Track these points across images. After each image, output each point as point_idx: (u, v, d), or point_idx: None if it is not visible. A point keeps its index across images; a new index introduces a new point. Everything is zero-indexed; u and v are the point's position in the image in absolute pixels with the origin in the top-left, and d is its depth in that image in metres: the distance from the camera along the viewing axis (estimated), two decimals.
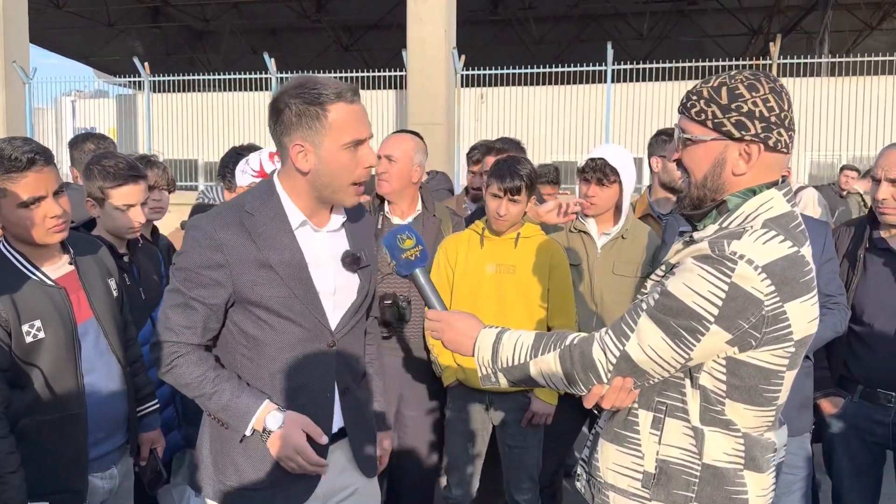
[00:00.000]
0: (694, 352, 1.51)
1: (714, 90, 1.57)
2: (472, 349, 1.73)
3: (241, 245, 1.83)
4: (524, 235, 3.03)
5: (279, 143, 1.87)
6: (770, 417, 1.61)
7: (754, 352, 1.52)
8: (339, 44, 23.43)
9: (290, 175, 1.89)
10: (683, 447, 1.60)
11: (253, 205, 1.88)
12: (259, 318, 1.86)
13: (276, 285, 1.84)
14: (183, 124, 14.31)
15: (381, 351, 2.33)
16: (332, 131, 1.81)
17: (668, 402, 1.62)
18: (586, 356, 1.59)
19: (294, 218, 1.90)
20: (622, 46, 17.36)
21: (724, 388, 1.56)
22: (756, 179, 1.58)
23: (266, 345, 1.88)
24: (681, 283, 1.51)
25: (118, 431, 2.38)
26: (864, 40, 19.39)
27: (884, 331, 2.74)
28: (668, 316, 1.51)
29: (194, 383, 1.86)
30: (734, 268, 1.46)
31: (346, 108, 1.81)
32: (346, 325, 1.97)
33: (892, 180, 2.71)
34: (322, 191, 1.87)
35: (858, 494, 2.88)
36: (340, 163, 1.83)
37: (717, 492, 1.59)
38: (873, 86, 11.76)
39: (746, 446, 1.59)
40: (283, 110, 1.82)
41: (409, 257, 1.85)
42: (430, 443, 3.27)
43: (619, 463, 1.68)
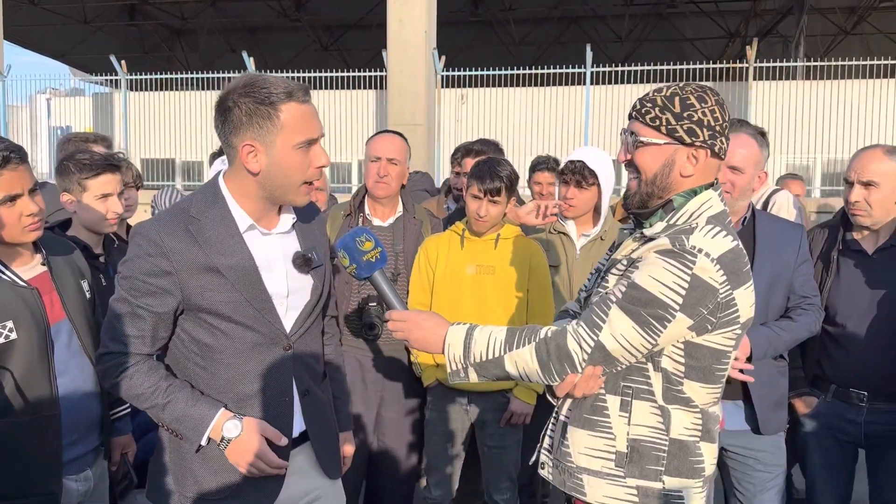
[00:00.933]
0: (661, 337, 1.66)
1: (667, 99, 1.73)
2: (442, 346, 1.77)
3: (188, 251, 1.79)
4: (504, 237, 3.05)
5: (227, 142, 1.81)
6: (718, 393, 1.79)
7: (709, 335, 1.69)
8: (319, 43, 23.34)
9: (237, 176, 1.85)
10: (652, 425, 1.74)
11: (198, 209, 1.84)
12: (211, 324, 1.82)
13: (225, 290, 1.80)
14: (160, 123, 14.20)
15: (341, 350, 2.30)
16: (285, 131, 1.77)
17: (633, 385, 1.75)
18: (562, 348, 1.69)
19: (241, 221, 1.85)
20: (601, 49, 17.48)
21: (682, 370, 1.72)
22: (698, 181, 1.76)
23: (219, 352, 1.84)
24: (647, 276, 1.65)
25: (92, 433, 2.35)
26: (839, 45, 19.66)
27: (856, 331, 2.78)
28: (638, 306, 1.65)
29: (146, 394, 1.80)
30: (695, 260, 1.63)
31: (297, 107, 1.78)
32: (302, 327, 1.94)
33: (864, 183, 2.75)
34: (273, 191, 1.84)
35: (831, 492, 2.92)
36: (293, 163, 1.80)
37: (682, 463, 1.74)
38: (847, 89, 11.94)
39: (703, 420, 1.76)
40: (231, 109, 1.77)
41: (369, 259, 1.84)
42: (410, 443, 3.27)
43: (590, 446, 1.78)
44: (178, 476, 1.88)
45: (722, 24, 21.21)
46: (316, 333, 2.05)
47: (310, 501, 2.02)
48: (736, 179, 2.70)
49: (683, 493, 1.74)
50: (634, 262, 1.73)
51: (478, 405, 3.05)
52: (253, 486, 1.87)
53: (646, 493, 1.73)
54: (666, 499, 1.73)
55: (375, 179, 3.15)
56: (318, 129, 1.84)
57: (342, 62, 20.22)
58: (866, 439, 2.83)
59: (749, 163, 2.71)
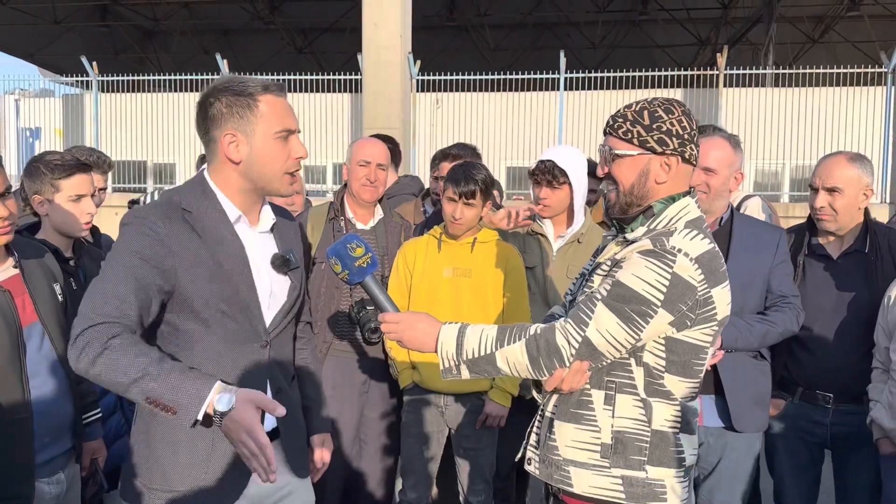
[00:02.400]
0: (643, 333, 1.75)
1: (637, 113, 1.85)
2: (435, 345, 1.84)
3: (186, 237, 1.81)
4: (481, 240, 3.08)
5: (209, 138, 1.87)
6: (696, 387, 1.89)
7: (688, 331, 1.79)
8: (293, 46, 23.23)
9: (221, 168, 1.89)
10: (635, 417, 1.83)
11: (188, 201, 1.86)
12: (195, 314, 1.83)
13: (217, 280, 1.83)
14: (132, 125, 14.04)
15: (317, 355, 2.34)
16: (264, 120, 1.84)
17: (616, 380, 1.84)
18: (551, 344, 1.78)
19: (231, 213, 1.90)
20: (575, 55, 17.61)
21: (663, 364, 1.81)
22: (674, 188, 1.86)
23: (198, 342, 1.85)
24: (630, 274, 1.75)
25: (64, 436, 2.34)
26: (807, 53, 20.02)
27: (822, 334, 2.84)
28: (622, 303, 1.74)
29: (136, 364, 1.61)
30: (675, 260, 1.73)
31: (274, 99, 1.87)
32: (279, 327, 1.98)
33: (829, 189, 2.82)
34: (256, 181, 1.89)
35: (798, 492, 2.98)
36: (273, 152, 1.86)
37: (664, 453, 1.83)
38: (815, 97, 12.16)
39: (682, 412, 1.86)
40: (212, 104, 1.85)
41: (361, 265, 1.89)
42: (389, 445, 3.28)
43: (577, 439, 1.86)
44: (147, 472, 1.88)
45: (693, 31, 21.50)
46: (289, 335, 2.09)
47: (280, 498, 2.03)
48: (710, 180, 2.78)
49: (665, 481, 1.82)
50: (618, 262, 1.83)
51: (453, 408, 3.07)
52: (220, 480, 1.88)
53: (630, 482, 1.82)
54: (649, 487, 1.82)
55: (363, 183, 3.18)
56: (295, 122, 1.92)
57: (317, 65, 20.14)
58: (832, 440, 2.89)
59: (723, 164, 2.78)
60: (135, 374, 1.62)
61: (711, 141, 2.83)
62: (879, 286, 2.76)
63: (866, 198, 2.83)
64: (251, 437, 1.62)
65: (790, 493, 3.00)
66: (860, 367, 2.79)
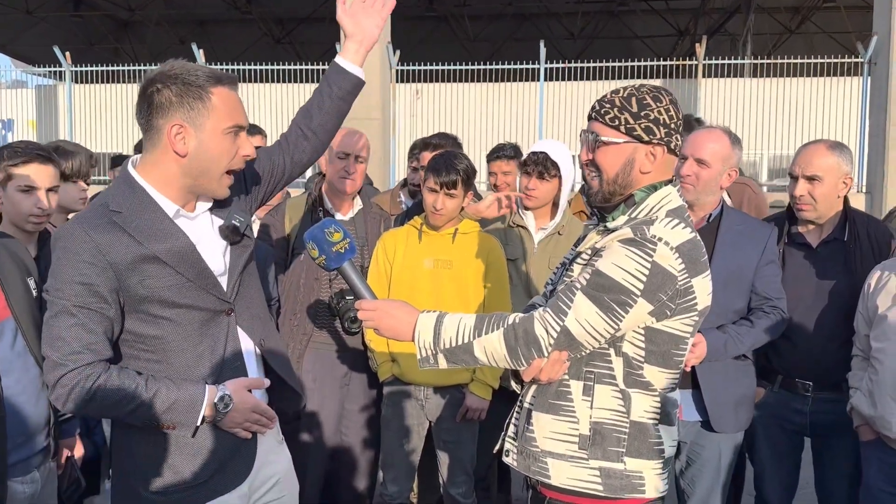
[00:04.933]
0: (623, 322, 1.72)
1: (625, 100, 1.81)
2: (412, 334, 1.80)
3: (119, 242, 1.73)
4: (462, 231, 3.05)
5: (151, 126, 1.77)
6: (676, 378, 1.87)
7: (668, 321, 1.76)
8: (271, 36, 23.03)
9: (159, 162, 1.80)
10: (613, 408, 1.80)
11: (117, 202, 1.77)
12: (155, 315, 1.78)
13: (166, 275, 1.76)
14: (107, 116, 13.84)
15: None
16: (215, 114, 1.77)
17: (595, 370, 1.81)
18: (529, 333, 1.74)
19: (168, 208, 1.81)
20: (554, 45, 17.61)
21: (643, 354, 1.79)
22: (657, 177, 1.83)
23: (169, 340, 1.80)
24: (610, 263, 1.72)
25: (39, 434, 2.28)
26: (784, 43, 20.18)
27: (802, 323, 2.85)
28: (601, 292, 1.70)
29: (128, 395, 1.72)
30: (655, 249, 1.70)
31: (228, 93, 1.80)
32: (236, 286, 1.92)
33: (808, 177, 2.81)
34: (197, 178, 1.81)
35: (778, 480, 2.99)
36: (221, 148, 1.79)
37: (642, 444, 1.81)
38: (792, 87, 12.26)
39: (661, 403, 1.84)
40: (160, 91, 1.74)
41: (339, 250, 1.84)
42: (370, 438, 3.26)
43: (555, 430, 1.83)
44: (152, 472, 1.84)
45: (672, 21, 21.58)
46: (250, 284, 2.01)
47: (271, 486, 2.03)
48: (701, 172, 2.72)
49: (643, 472, 1.80)
50: (598, 251, 1.79)
51: (433, 400, 3.05)
52: (229, 460, 1.87)
53: (608, 474, 1.79)
54: (627, 479, 1.79)
55: (342, 176, 3.14)
56: (245, 119, 1.86)
57: (295, 56, 19.97)
58: (812, 428, 2.90)
59: (717, 158, 2.72)
60: (128, 406, 1.72)
61: (710, 133, 2.78)
62: (859, 274, 2.76)
63: (846, 186, 2.83)
64: (258, 412, 1.85)
65: (770, 480, 3.01)
66: (839, 355, 2.80)
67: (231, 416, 1.82)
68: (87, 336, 1.70)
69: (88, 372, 1.70)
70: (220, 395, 1.80)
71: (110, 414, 1.76)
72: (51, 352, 1.72)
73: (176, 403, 1.75)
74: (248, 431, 1.88)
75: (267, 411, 1.90)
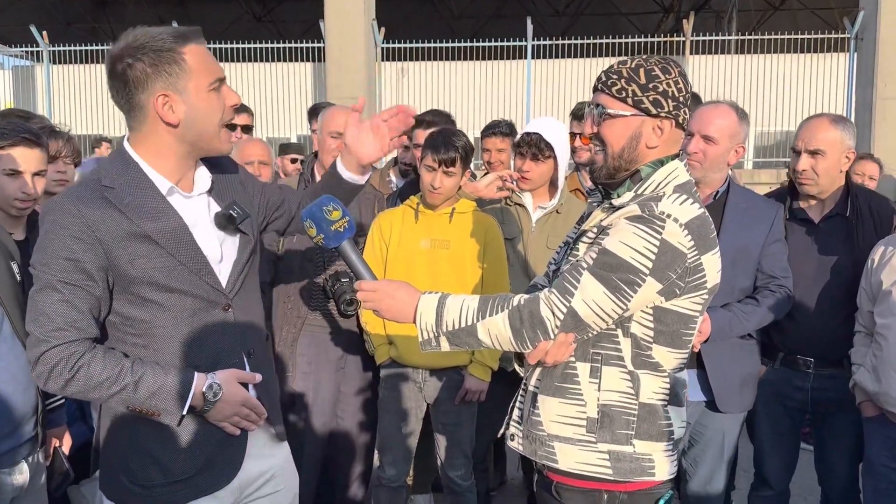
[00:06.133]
0: (631, 302, 1.67)
1: (633, 71, 1.74)
2: (413, 315, 1.74)
3: (110, 218, 1.65)
4: (459, 210, 2.99)
5: (133, 104, 1.70)
6: (685, 357, 1.83)
7: (677, 300, 1.71)
8: (252, 14, 22.67)
9: (151, 136, 1.73)
10: (622, 390, 1.76)
11: (110, 178, 1.70)
12: (144, 298, 1.70)
13: (158, 256, 1.69)
14: (86, 97, 13.60)
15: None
16: (195, 74, 1.69)
17: (602, 352, 1.76)
18: (535, 315, 1.69)
19: (161, 185, 1.74)
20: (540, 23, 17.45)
21: (651, 335, 1.74)
22: (663, 152, 1.77)
23: (158, 326, 1.73)
24: (617, 241, 1.66)
25: (27, 423, 2.23)
26: (769, 20, 20.13)
27: (803, 299, 2.82)
28: (609, 271, 1.65)
29: (112, 377, 1.65)
30: (664, 226, 1.65)
31: (197, 48, 1.71)
32: (237, 283, 1.85)
33: (811, 152, 2.77)
34: (195, 142, 1.74)
35: (778, 457, 2.99)
36: (210, 106, 1.72)
37: (652, 426, 1.77)
38: (778, 63, 12.24)
39: (670, 384, 1.80)
40: (131, 66, 1.66)
41: (338, 229, 1.78)
42: (366, 421, 3.22)
43: (562, 414, 1.78)
44: (136, 468, 1.77)
45: None
46: (252, 289, 1.95)
47: (263, 483, 1.96)
48: (708, 149, 2.68)
49: (653, 455, 1.76)
50: (604, 229, 1.74)
51: (431, 383, 3.01)
52: (216, 457, 1.80)
53: (617, 457, 1.75)
54: (636, 462, 1.75)
55: (335, 155, 3.05)
56: (221, 69, 1.78)
57: (276, 34, 19.68)
58: (813, 405, 2.89)
59: (724, 134, 2.68)
60: (111, 389, 1.65)
61: (716, 108, 2.72)
62: (861, 250, 2.74)
63: (848, 160, 2.80)
64: (247, 406, 1.78)
65: (770, 458, 3.00)
66: (841, 331, 2.78)
67: (219, 408, 1.74)
68: (72, 313, 1.63)
69: (72, 350, 1.63)
70: (209, 384, 1.72)
71: (92, 395, 1.67)
72: (34, 328, 1.64)
73: (161, 389, 1.68)
74: (235, 427, 1.80)
75: (257, 406, 1.82)
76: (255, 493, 1.94)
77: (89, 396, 1.69)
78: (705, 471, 2.81)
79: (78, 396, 1.71)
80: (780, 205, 2.85)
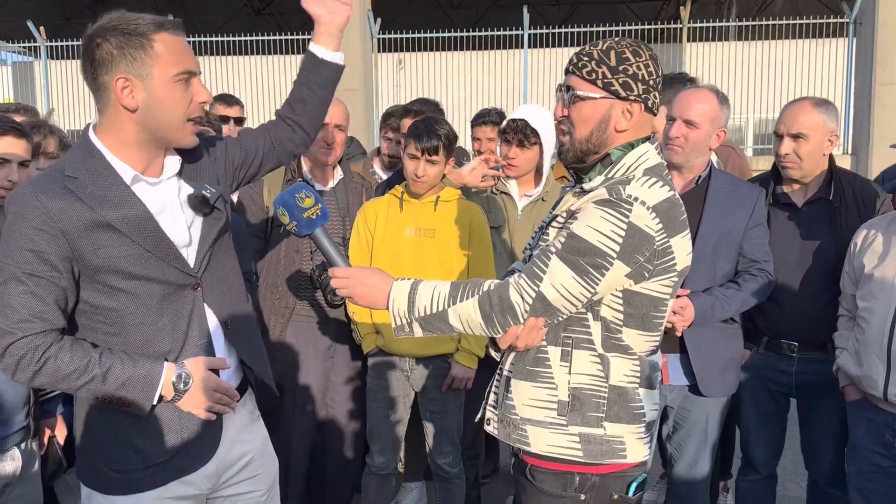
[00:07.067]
0: (599, 286, 1.67)
1: (604, 53, 1.74)
2: (386, 302, 1.75)
3: (71, 208, 1.65)
4: (444, 199, 3.00)
5: (97, 84, 1.69)
6: (656, 341, 1.83)
7: (646, 283, 1.72)
8: (251, 7, 22.63)
9: (113, 121, 1.72)
10: (592, 373, 1.76)
11: (73, 167, 1.70)
12: (112, 286, 1.70)
13: (121, 244, 1.68)
14: (85, 92, 13.59)
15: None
16: (161, 62, 1.67)
17: (573, 335, 1.77)
18: (504, 300, 1.69)
19: (124, 173, 1.73)
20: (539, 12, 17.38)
21: (621, 318, 1.75)
22: (633, 135, 1.77)
23: (128, 314, 1.73)
24: (585, 225, 1.67)
25: (17, 413, 2.25)
26: (769, 6, 20.00)
27: (787, 283, 2.83)
28: (576, 255, 1.66)
29: (80, 368, 1.65)
30: (631, 209, 1.65)
31: (171, 38, 1.70)
32: (205, 258, 1.84)
33: (793, 135, 2.77)
34: (155, 131, 1.73)
35: (765, 441, 3.00)
36: (173, 97, 1.70)
37: (622, 409, 1.78)
38: (777, 49, 12.18)
39: (641, 367, 1.80)
40: (99, 46, 1.66)
41: (310, 216, 1.79)
42: (356, 410, 3.24)
43: (533, 397, 1.79)
44: (114, 454, 1.78)
45: None
46: (224, 262, 1.93)
47: (242, 467, 1.97)
48: (690, 133, 2.68)
49: (624, 437, 1.77)
50: (574, 213, 1.74)
51: (419, 371, 3.03)
52: (193, 440, 1.81)
53: (588, 440, 1.76)
54: (607, 444, 1.76)
55: (321, 146, 3.07)
56: (195, 64, 1.76)
57: (276, 27, 19.64)
58: (797, 389, 2.90)
59: (705, 118, 2.69)
60: (79, 380, 1.66)
61: (697, 93, 2.73)
62: (844, 234, 2.74)
63: (831, 144, 2.80)
64: (219, 391, 1.79)
65: (756, 441, 3.01)
66: (824, 315, 2.79)
67: (190, 396, 1.75)
68: (37, 304, 1.63)
69: (38, 342, 1.63)
70: (178, 373, 1.73)
71: (61, 386, 1.68)
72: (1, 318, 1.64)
73: (130, 380, 1.68)
74: (209, 412, 1.80)
75: (229, 390, 1.83)
76: (234, 477, 1.95)
77: (58, 387, 1.70)
78: (690, 455, 2.83)
79: (47, 387, 1.73)
80: (761, 189, 2.85)
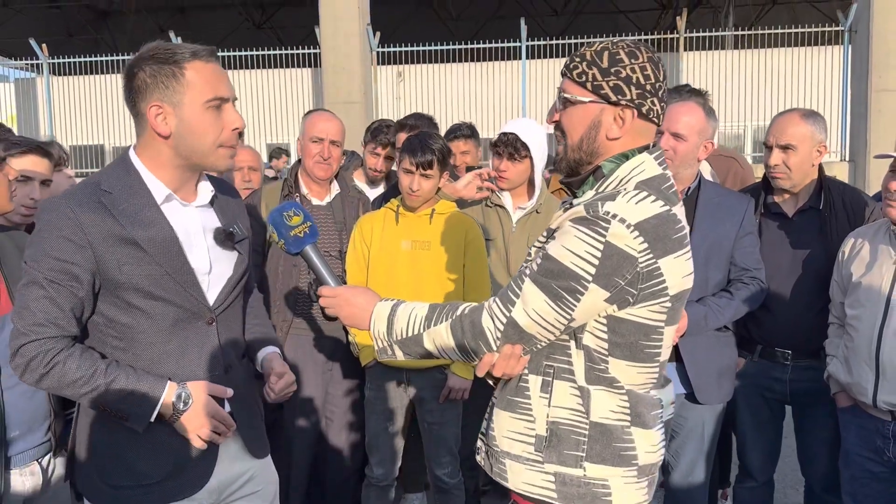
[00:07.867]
0: (575, 311, 1.52)
1: (597, 54, 1.60)
2: (369, 323, 1.69)
3: (102, 222, 1.70)
4: (439, 212, 3.04)
5: (136, 111, 1.77)
6: (654, 374, 1.65)
7: (632, 308, 1.54)
8: (252, 21, 22.79)
9: (150, 145, 1.78)
10: (571, 407, 1.61)
11: (109, 182, 1.76)
12: (129, 303, 1.74)
13: (145, 263, 1.73)
14: (88, 108, 13.71)
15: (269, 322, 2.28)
16: (192, 89, 1.73)
17: (555, 364, 1.62)
18: (476, 325, 1.58)
19: (158, 192, 1.79)
20: (538, 23, 17.49)
21: (606, 347, 1.58)
22: (628, 145, 1.61)
23: (140, 331, 1.76)
24: (560, 246, 1.52)
25: (39, 427, 2.24)
26: (766, 14, 20.08)
27: (779, 292, 2.86)
28: (550, 278, 1.52)
29: (85, 377, 1.69)
30: (608, 227, 1.48)
31: (203, 65, 1.75)
32: (226, 301, 1.88)
33: (783, 146, 2.81)
34: (189, 157, 1.78)
35: (760, 448, 3.02)
36: (204, 123, 1.75)
37: (605, 449, 1.60)
38: (774, 58, 12.24)
39: (631, 403, 1.62)
40: (136, 75, 1.74)
41: (297, 234, 1.80)
42: (355, 422, 3.27)
43: (512, 429, 1.67)
44: (107, 468, 1.81)
45: None
46: (238, 309, 1.99)
47: (243, 483, 1.99)
48: (678, 146, 2.72)
49: (609, 481, 1.60)
50: (553, 232, 1.61)
51: (416, 383, 3.06)
52: (188, 465, 1.83)
53: (563, 481, 1.61)
54: (587, 487, 1.60)
55: (317, 161, 3.12)
56: (228, 90, 1.80)
57: (276, 40, 19.76)
58: (792, 396, 2.93)
59: (692, 130, 2.72)
60: (83, 388, 1.70)
61: (683, 106, 2.77)
62: (834, 243, 2.77)
63: (820, 154, 2.84)
64: (217, 419, 1.79)
65: (753, 449, 3.04)
66: (816, 323, 2.81)
67: (187, 418, 1.76)
68: (54, 310, 1.68)
69: (49, 346, 1.68)
70: (178, 393, 1.75)
71: (66, 392, 1.72)
72: (17, 320, 1.70)
73: (132, 394, 1.72)
74: (202, 440, 1.80)
75: (226, 419, 1.83)
76: (235, 493, 1.97)
77: (63, 393, 1.73)
78: (686, 462, 2.85)
79: (52, 392, 1.76)
80: (750, 198, 2.89)
